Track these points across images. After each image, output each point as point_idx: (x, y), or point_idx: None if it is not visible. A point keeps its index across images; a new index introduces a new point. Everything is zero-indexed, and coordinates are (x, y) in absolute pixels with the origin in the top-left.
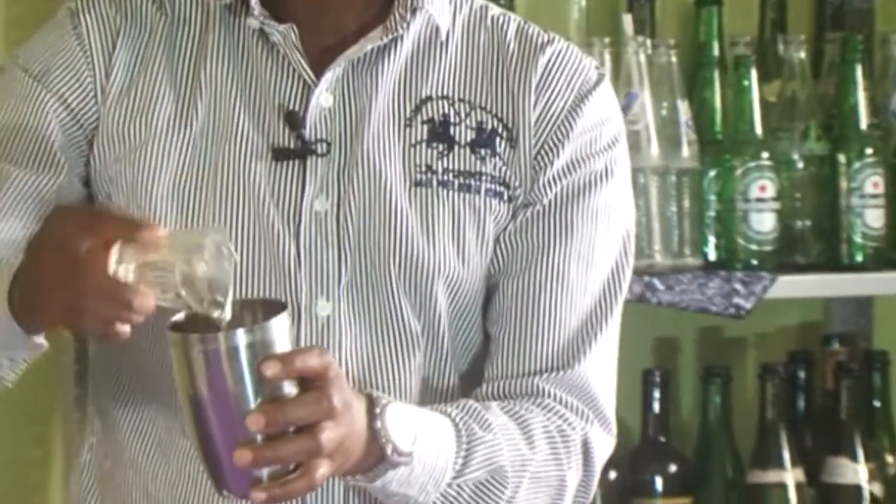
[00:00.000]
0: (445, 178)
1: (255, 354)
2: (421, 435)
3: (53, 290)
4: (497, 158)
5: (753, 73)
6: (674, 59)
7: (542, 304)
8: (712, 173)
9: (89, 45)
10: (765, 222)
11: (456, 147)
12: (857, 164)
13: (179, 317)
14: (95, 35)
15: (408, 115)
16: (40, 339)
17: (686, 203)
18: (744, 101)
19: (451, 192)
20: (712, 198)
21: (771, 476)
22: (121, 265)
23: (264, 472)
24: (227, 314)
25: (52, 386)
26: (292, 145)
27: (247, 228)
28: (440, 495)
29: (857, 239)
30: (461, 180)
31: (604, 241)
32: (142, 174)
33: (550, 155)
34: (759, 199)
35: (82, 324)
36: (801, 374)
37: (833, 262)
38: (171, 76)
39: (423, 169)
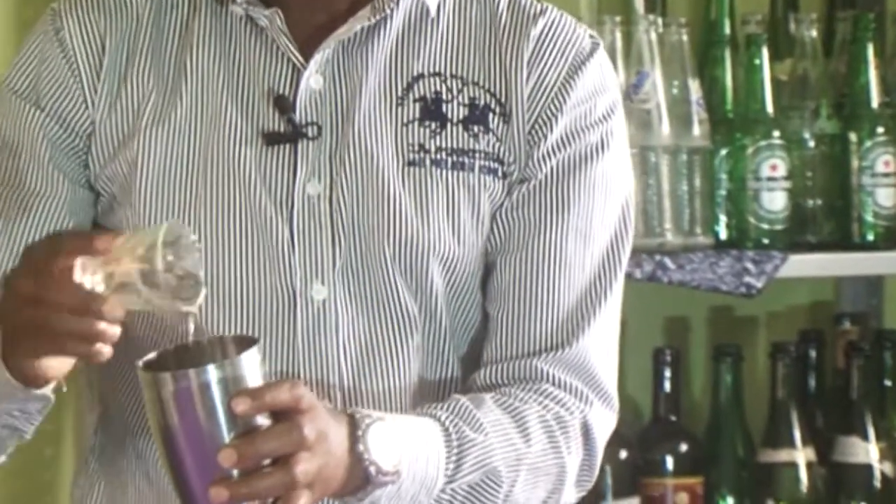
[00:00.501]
0: (438, 156)
1: (226, 390)
2: (408, 448)
3: (28, 314)
4: (490, 135)
5: (765, 52)
6: (685, 37)
7: (539, 282)
8: (723, 152)
9: (73, 51)
10: (776, 201)
11: (448, 125)
12: (868, 143)
13: (151, 356)
14: (78, 41)
15: (399, 94)
16: (44, 392)
17: (697, 182)
18: (755, 79)
19: (444, 171)
20: (723, 177)
21: (782, 455)
22: (85, 278)
23: None
24: (196, 307)
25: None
26: (282, 129)
27: (239, 215)
28: (434, 500)
29: (869, 218)
30: (454, 158)
31: (601, 215)
32: (132, 168)
33: (545, 129)
34: (770, 178)
35: (62, 349)
36: (812, 354)
37: (844, 241)
38: (157, 67)
39: (416, 148)
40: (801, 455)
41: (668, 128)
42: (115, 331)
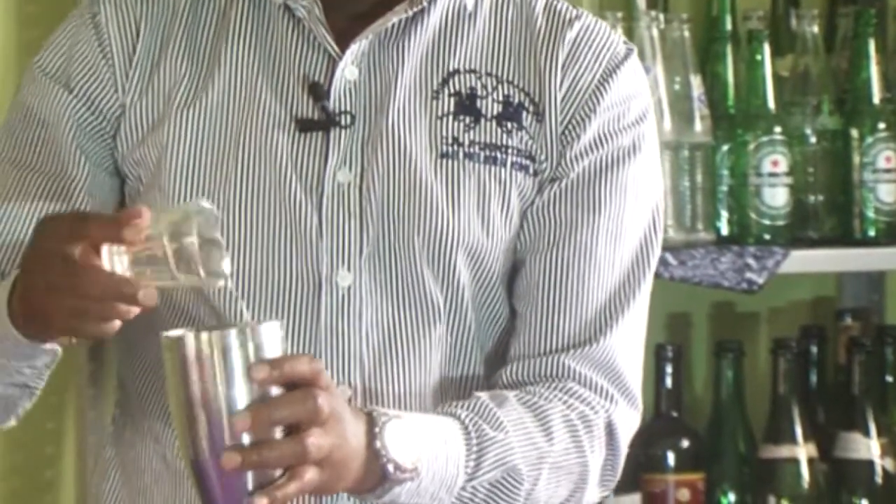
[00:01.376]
0: (472, 150)
1: (246, 356)
2: (426, 446)
3: (53, 300)
4: (523, 132)
5: (766, 48)
6: (686, 33)
7: (569, 281)
8: (725, 148)
9: (108, 36)
10: (777, 197)
11: (482, 120)
12: (869, 139)
13: (174, 331)
14: (114, 25)
15: (435, 88)
16: (52, 345)
17: (699, 178)
18: (756, 75)
19: (476, 165)
20: (725, 172)
21: (783, 451)
22: (115, 261)
23: (255, 479)
24: (229, 282)
25: (66, 382)
26: (316, 116)
27: (268, 199)
28: (455, 497)
29: (870, 214)
30: (487, 153)
31: (632, 217)
32: (162, 151)
33: (577, 129)
34: (772, 174)
35: (83, 328)
36: (814, 350)
37: (845, 237)
38: (191, 53)
39: (450, 141)
40: (803, 451)
41: (669, 123)
42: (137, 309)
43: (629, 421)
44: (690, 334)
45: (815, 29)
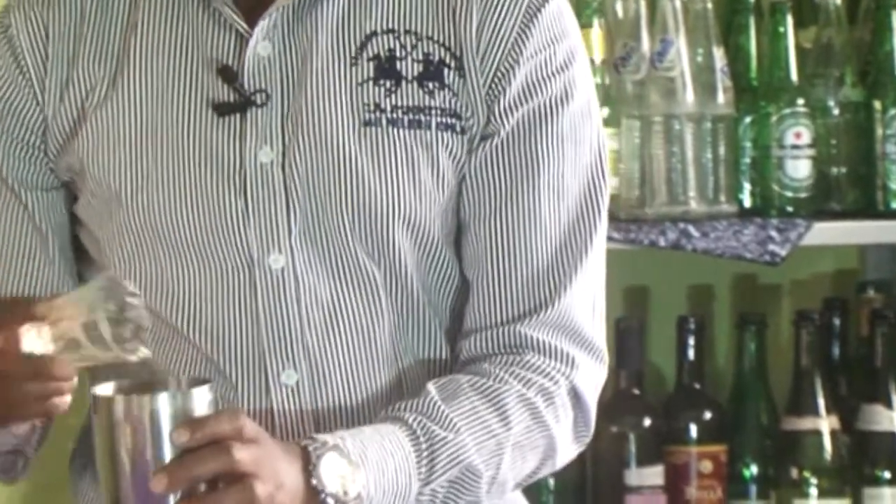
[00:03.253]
0: (395, 115)
1: (175, 419)
2: (371, 466)
3: None
4: (446, 90)
5: (789, 20)
6: (709, 5)
7: (515, 245)
8: (748, 120)
9: (21, 47)
10: (800, 169)
11: (403, 82)
12: (892, 111)
13: (106, 385)
14: (25, 36)
15: (353, 54)
16: (23, 428)
17: (721, 150)
18: (779, 47)
19: (401, 130)
20: (748, 144)
21: (806, 423)
22: (35, 343)
23: None
24: (145, 352)
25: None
26: (231, 99)
27: (190, 189)
28: (415, 502)
29: (893, 186)
30: (411, 116)
31: (573, 167)
32: (84, 156)
33: (503, 82)
34: (795, 146)
35: (20, 413)
36: (836, 322)
37: (868, 209)
38: (102, 53)
39: (372, 108)
40: (825, 423)
41: (692, 96)
42: (71, 384)
43: (594, 377)
44: (713, 306)
45: (838, 0)
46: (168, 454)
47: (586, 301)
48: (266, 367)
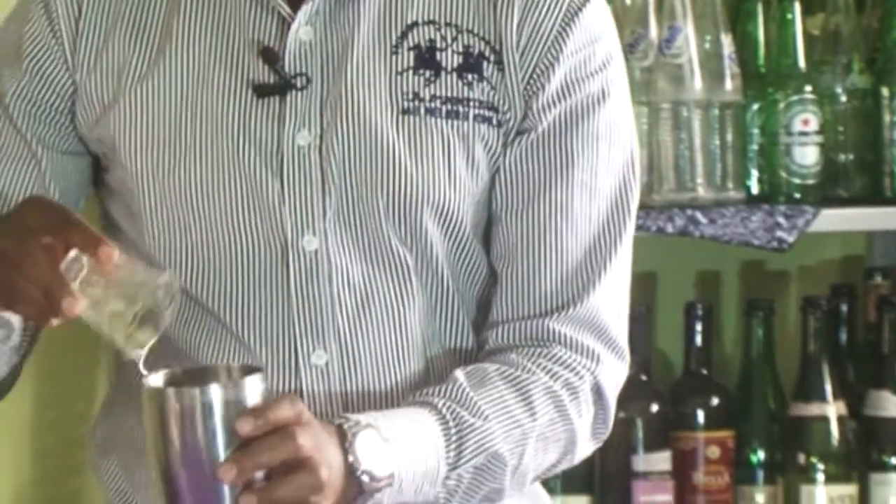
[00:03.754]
0: (433, 105)
1: (228, 411)
2: (402, 448)
3: (1, 265)
4: (485, 83)
5: (797, 7)
6: None
7: (546, 239)
8: (755, 107)
9: (56, 12)
10: (808, 156)
11: (443, 73)
12: None
13: (157, 375)
14: (61, 2)
15: (393, 43)
16: (6, 316)
17: (729, 136)
18: (787, 34)
19: (438, 120)
20: (755, 131)
21: (813, 409)
22: (71, 268)
23: None
24: (141, 357)
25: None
26: (271, 81)
27: (227, 169)
28: (441, 486)
29: None
30: (449, 107)
31: (606, 167)
32: (119, 133)
33: (542, 79)
34: (802, 133)
35: (14, 304)
36: (844, 308)
37: (876, 196)
38: (140, 30)
39: (410, 97)
40: (833, 409)
41: (700, 82)
42: (64, 318)
43: (616, 375)
44: (720, 293)
45: None
46: (222, 445)
47: (613, 300)
48: (296, 348)
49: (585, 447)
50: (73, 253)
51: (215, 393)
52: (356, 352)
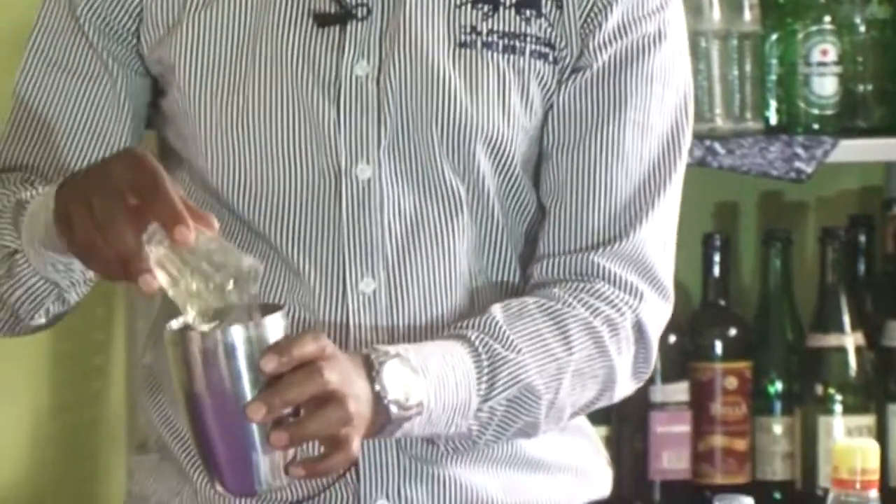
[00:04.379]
0: (490, 39)
1: (251, 351)
2: (431, 378)
3: (81, 216)
4: (542, 19)
5: None
6: None
7: (597, 176)
8: (774, 37)
9: None
10: (826, 86)
11: (501, 8)
12: None
13: (178, 320)
14: None
15: None
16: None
17: (748, 67)
18: None
19: (495, 54)
20: (774, 62)
21: (831, 340)
22: (153, 237)
23: (269, 469)
24: (205, 328)
25: None
26: (331, 10)
27: (285, 95)
28: (474, 419)
29: None
30: (506, 42)
31: (660, 107)
32: (180, 55)
33: (599, 17)
34: (821, 63)
35: (91, 262)
36: (862, 238)
37: (894, 126)
38: None
39: (468, 30)
40: (850, 340)
41: (718, 13)
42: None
43: (659, 314)
44: (738, 223)
45: None
46: (248, 385)
47: (659, 239)
48: (345, 274)
49: (626, 385)
50: (154, 227)
51: (237, 333)
52: (404, 281)
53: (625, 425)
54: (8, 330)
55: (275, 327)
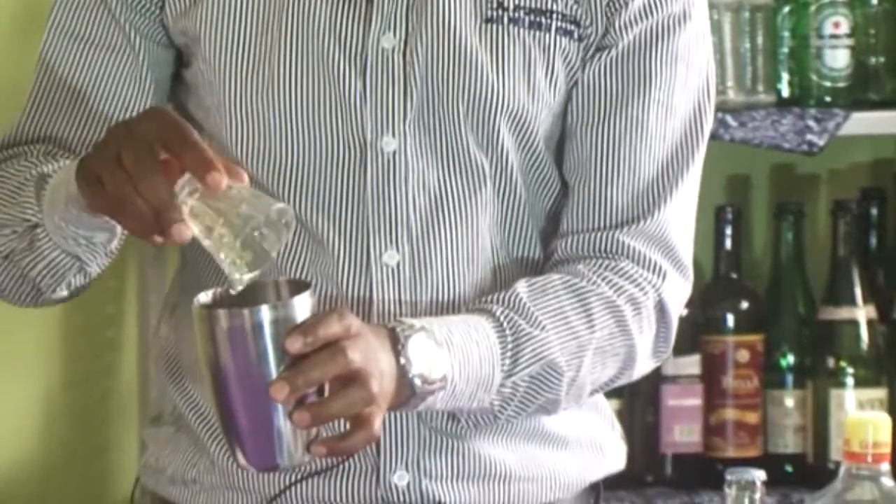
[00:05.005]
0: (516, 14)
1: (278, 330)
2: (456, 352)
3: (111, 172)
4: None
5: None
6: None
7: (620, 154)
8: (786, 9)
9: None
10: (838, 59)
11: None
12: None
13: (206, 294)
14: None
15: None
16: (108, 221)
17: (760, 39)
18: None
19: (521, 30)
20: (786, 34)
21: (843, 313)
22: (184, 189)
23: (292, 445)
24: (241, 285)
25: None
26: None
27: (311, 67)
28: (496, 394)
29: None
30: (532, 17)
31: (683, 87)
32: (205, 26)
33: None
34: (833, 36)
35: (122, 216)
36: (874, 211)
37: None
38: None
39: (495, 5)
40: (862, 312)
41: None
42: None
43: (680, 293)
44: (750, 196)
45: None
46: (273, 363)
47: (681, 219)
48: (368, 246)
49: (645, 364)
50: (187, 175)
51: (265, 313)
52: (427, 254)
53: (636, 399)
54: (31, 302)
55: (302, 307)
